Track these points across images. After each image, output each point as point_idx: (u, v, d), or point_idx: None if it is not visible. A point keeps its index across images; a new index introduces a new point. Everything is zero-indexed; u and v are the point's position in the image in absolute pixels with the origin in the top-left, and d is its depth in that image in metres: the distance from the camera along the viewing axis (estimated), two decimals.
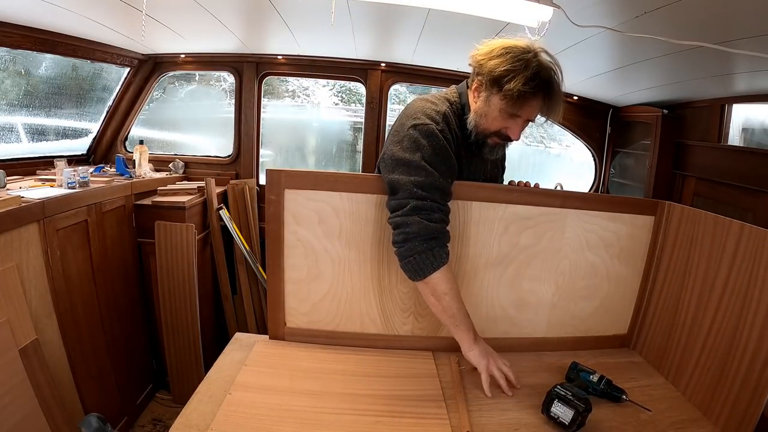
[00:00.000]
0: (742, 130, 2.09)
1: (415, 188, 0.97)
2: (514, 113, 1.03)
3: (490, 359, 1.03)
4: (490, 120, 1.06)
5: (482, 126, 1.07)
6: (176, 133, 3.02)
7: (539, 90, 0.98)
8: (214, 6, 1.82)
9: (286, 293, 1.15)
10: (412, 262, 0.98)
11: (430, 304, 1.03)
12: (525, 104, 1.01)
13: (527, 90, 0.97)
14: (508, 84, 0.98)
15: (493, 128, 1.07)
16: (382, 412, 0.91)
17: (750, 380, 0.88)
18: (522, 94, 0.97)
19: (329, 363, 1.08)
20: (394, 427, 0.87)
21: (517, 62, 0.98)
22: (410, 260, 0.98)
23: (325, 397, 0.94)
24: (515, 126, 1.05)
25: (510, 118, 1.04)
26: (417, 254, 0.97)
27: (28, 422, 1.31)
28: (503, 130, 1.07)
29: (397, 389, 0.99)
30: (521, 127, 1.06)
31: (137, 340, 2.24)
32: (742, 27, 1.28)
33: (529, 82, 0.97)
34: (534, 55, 0.99)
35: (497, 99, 1.02)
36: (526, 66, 0.97)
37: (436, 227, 0.97)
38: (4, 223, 1.37)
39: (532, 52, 0.99)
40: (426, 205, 0.97)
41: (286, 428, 0.84)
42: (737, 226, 0.97)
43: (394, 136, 1.05)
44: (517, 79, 0.97)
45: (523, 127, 1.07)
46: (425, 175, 0.98)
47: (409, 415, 0.90)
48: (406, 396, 0.97)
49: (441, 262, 0.98)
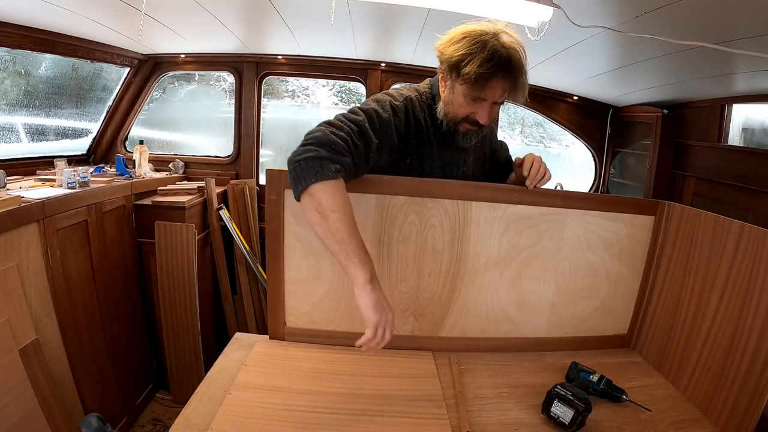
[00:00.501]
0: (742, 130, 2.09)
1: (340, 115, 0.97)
2: (477, 96, 1.02)
3: (384, 316, 0.86)
4: (456, 106, 1.06)
5: (451, 113, 1.08)
6: (176, 133, 3.02)
7: (497, 69, 0.97)
8: (214, 6, 1.82)
9: (286, 293, 1.15)
10: (297, 169, 0.86)
11: (313, 223, 0.88)
12: (485, 86, 0.99)
13: (484, 71, 0.96)
14: (465, 68, 0.97)
15: (461, 114, 1.07)
16: (382, 412, 0.91)
17: (750, 380, 0.88)
18: (479, 75, 0.97)
19: (329, 363, 1.08)
20: (394, 427, 0.87)
21: (473, 45, 0.98)
22: (297, 165, 0.86)
23: (325, 397, 0.94)
24: (482, 110, 1.05)
25: (475, 102, 1.04)
26: (305, 159, 0.86)
27: (28, 422, 1.31)
28: (471, 116, 1.06)
29: (397, 389, 0.99)
30: (488, 111, 1.05)
31: (137, 340, 2.24)
32: (742, 27, 1.28)
33: (486, 63, 0.96)
34: (492, 36, 0.98)
35: (458, 85, 1.03)
36: (482, 48, 0.97)
37: (337, 140, 0.89)
38: (4, 223, 1.37)
39: (490, 33, 0.99)
40: (339, 124, 0.93)
41: (285, 428, 0.84)
42: (737, 226, 0.97)
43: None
44: (474, 62, 0.96)
45: (492, 110, 1.06)
46: (355, 114, 0.98)
47: (409, 415, 0.90)
48: (406, 396, 0.97)
49: (327, 173, 0.86)
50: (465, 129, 1.10)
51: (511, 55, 0.98)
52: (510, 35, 1.01)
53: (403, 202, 1.09)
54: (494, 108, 1.07)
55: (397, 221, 1.10)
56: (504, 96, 1.04)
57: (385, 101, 1.05)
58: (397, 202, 1.09)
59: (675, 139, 2.33)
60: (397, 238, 1.11)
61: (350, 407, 0.91)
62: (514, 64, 0.99)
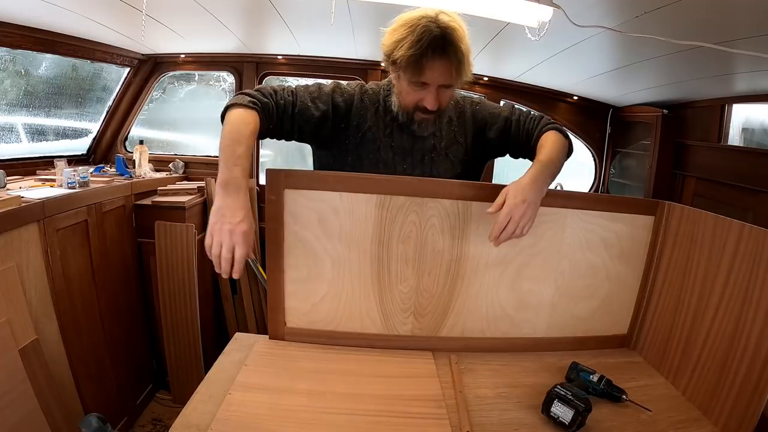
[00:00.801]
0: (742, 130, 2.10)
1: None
2: (417, 81, 1.01)
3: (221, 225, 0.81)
4: (404, 95, 1.07)
5: (402, 103, 1.08)
6: (176, 133, 3.03)
7: (427, 50, 0.95)
8: (214, 6, 1.82)
9: (286, 293, 1.15)
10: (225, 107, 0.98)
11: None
12: (421, 69, 0.97)
13: (414, 53, 0.95)
14: (398, 53, 0.97)
15: (410, 103, 1.07)
16: (382, 412, 0.91)
17: (750, 380, 0.88)
18: (410, 58, 0.96)
19: (329, 363, 1.08)
20: (394, 427, 0.87)
21: (405, 31, 0.97)
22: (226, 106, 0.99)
23: (325, 397, 0.94)
24: (428, 95, 1.03)
25: (420, 87, 1.02)
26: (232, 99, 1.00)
27: (28, 422, 1.31)
28: (420, 103, 1.05)
29: (397, 389, 0.99)
30: (435, 95, 1.03)
31: (137, 340, 2.24)
32: (742, 27, 1.28)
33: (415, 45, 0.94)
34: (428, 19, 0.96)
35: (400, 73, 1.02)
36: (412, 31, 0.96)
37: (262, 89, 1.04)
38: (4, 223, 1.37)
39: (427, 17, 0.97)
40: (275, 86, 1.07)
41: (285, 428, 0.84)
42: (737, 226, 0.97)
43: None
44: (404, 46, 0.96)
45: (439, 95, 1.04)
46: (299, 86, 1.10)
47: (408, 415, 0.90)
48: (406, 396, 0.97)
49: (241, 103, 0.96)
50: (420, 118, 1.09)
51: (445, 34, 0.95)
52: (449, 15, 0.98)
53: (403, 202, 1.09)
54: (443, 92, 1.04)
55: (397, 221, 1.10)
56: (448, 78, 1.00)
57: (340, 85, 1.14)
58: (397, 202, 1.09)
59: (675, 139, 2.33)
60: (397, 238, 1.11)
61: (350, 407, 0.91)
62: (448, 43, 0.96)
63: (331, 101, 1.11)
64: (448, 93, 1.06)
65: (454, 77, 1.00)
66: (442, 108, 1.08)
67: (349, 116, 1.13)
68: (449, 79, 1.01)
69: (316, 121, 1.09)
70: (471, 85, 2.76)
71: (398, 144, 1.16)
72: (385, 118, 1.15)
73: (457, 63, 0.98)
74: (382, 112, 1.15)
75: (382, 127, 1.16)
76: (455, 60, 0.97)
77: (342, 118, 1.13)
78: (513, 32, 1.75)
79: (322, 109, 1.09)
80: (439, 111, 1.08)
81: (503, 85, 2.75)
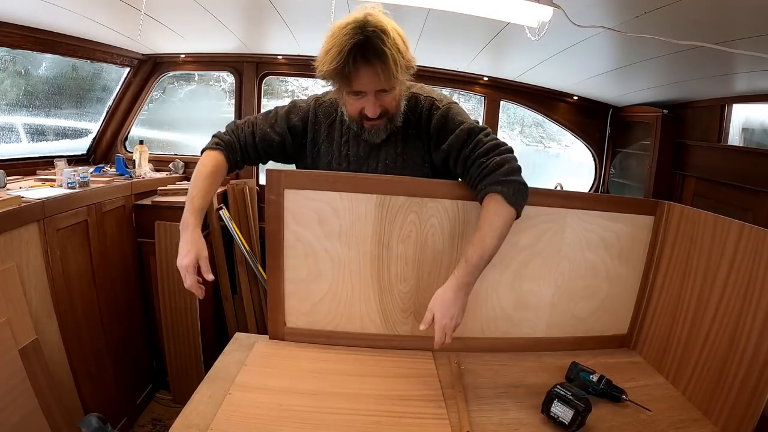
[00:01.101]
0: (742, 130, 2.10)
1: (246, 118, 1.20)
2: (351, 91, 1.00)
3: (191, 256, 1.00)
4: (348, 106, 1.07)
5: (348, 113, 1.08)
6: (176, 133, 3.02)
7: (349, 59, 0.93)
8: (214, 6, 1.82)
9: (286, 293, 1.15)
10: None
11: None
12: (349, 79, 0.96)
13: (337, 65, 0.93)
14: (323, 67, 0.97)
15: (354, 112, 1.05)
16: (382, 412, 0.91)
17: (750, 380, 0.88)
18: (335, 71, 0.95)
19: (329, 363, 1.08)
20: (394, 427, 0.87)
21: (331, 42, 0.96)
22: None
23: (325, 397, 0.94)
24: (367, 103, 1.01)
25: (359, 97, 1.01)
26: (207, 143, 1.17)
27: (28, 422, 1.31)
28: (363, 111, 1.03)
29: (397, 389, 0.99)
30: (373, 102, 1.01)
31: (137, 340, 2.24)
32: (742, 27, 1.28)
33: (338, 57, 0.93)
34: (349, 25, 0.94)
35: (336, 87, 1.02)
36: (336, 42, 0.94)
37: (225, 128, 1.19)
38: (4, 223, 1.37)
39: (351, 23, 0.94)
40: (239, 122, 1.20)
41: (286, 428, 0.84)
42: (737, 226, 0.97)
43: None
44: (328, 59, 0.95)
45: (380, 100, 1.01)
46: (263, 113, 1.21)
47: (409, 415, 0.90)
48: (406, 396, 0.97)
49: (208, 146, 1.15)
50: (368, 125, 1.07)
51: (368, 40, 0.92)
52: (376, 16, 0.95)
53: (403, 202, 1.09)
54: (383, 96, 1.01)
55: (397, 221, 1.10)
56: (378, 83, 0.97)
57: (295, 103, 1.20)
58: (397, 202, 1.09)
59: (675, 139, 2.33)
60: (397, 238, 1.11)
61: (350, 407, 0.91)
62: (371, 48, 0.93)
63: (286, 124, 1.16)
64: (389, 97, 1.03)
65: (384, 81, 0.96)
66: (389, 112, 1.05)
67: (305, 133, 1.18)
68: (379, 84, 0.98)
69: (277, 145, 1.17)
70: (471, 85, 2.77)
71: (354, 153, 1.15)
72: (341, 128, 1.15)
73: (382, 67, 0.94)
74: (339, 123, 1.15)
75: (337, 138, 1.15)
76: (380, 64, 0.94)
77: (300, 135, 1.18)
78: (513, 32, 1.75)
79: (280, 132, 1.16)
80: (387, 115, 1.06)
81: (503, 85, 2.74)
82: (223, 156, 1.13)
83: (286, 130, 1.16)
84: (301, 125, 1.17)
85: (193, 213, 1.06)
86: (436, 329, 0.97)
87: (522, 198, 1.00)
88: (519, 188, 0.99)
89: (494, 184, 0.99)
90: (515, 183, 0.98)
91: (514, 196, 0.98)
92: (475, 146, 1.03)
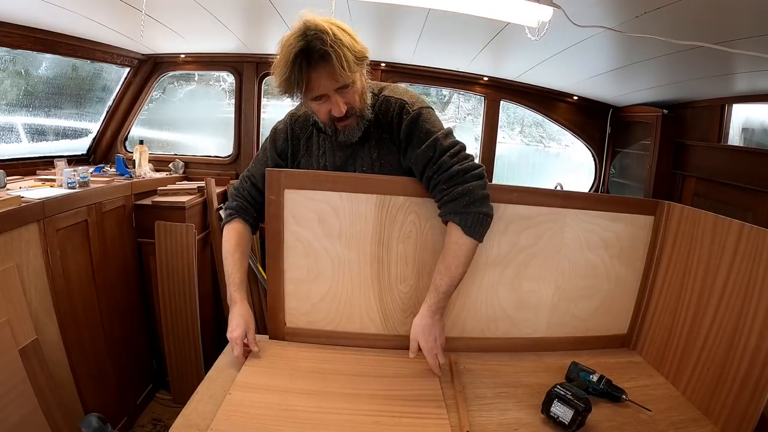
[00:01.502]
0: (742, 130, 2.10)
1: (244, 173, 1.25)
2: (312, 97, 1.00)
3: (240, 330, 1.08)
4: (316, 113, 1.06)
5: (320, 120, 1.08)
6: (176, 133, 3.03)
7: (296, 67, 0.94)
8: (214, 6, 1.82)
9: (286, 293, 1.15)
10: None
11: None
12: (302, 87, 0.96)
13: (288, 75, 0.95)
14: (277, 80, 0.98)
15: (324, 117, 1.05)
16: (382, 412, 0.91)
17: (750, 380, 0.88)
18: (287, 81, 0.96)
19: (329, 363, 1.08)
20: (394, 427, 0.87)
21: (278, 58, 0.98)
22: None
23: (325, 397, 0.94)
24: (330, 104, 1.01)
25: (322, 101, 1.01)
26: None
27: (28, 422, 1.31)
28: (331, 113, 1.03)
29: (397, 389, 0.99)
30: (336, 102, 1.00)
31: (137, 340, 2.24)
32: (742, 27, 1.28)
33: (285, 68, 0.94)
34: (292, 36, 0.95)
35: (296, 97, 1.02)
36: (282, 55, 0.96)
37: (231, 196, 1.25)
38: (4, 223, 1.37)
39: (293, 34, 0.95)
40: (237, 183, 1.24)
41: (286, 428, 0.84)
42: (737, 226, 0.97)
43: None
44: (278, 72, 0.97)
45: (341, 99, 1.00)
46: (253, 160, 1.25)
47: (408, 415, 0.90)
48: (406, 396, 0.97)
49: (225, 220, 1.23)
50: (341, 126, 1.07)
51: (309, 45, 0.93)
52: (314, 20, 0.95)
53: (403, 202, 1.09)
54: (344, 93, 1.01)
55: (397, 221, 1.10)
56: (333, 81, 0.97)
57: (275, 128, 1.22)
58: (397, 202, 1.09)
59: (675, 139, 2.33)
60: (397, 238, 1.11)
61: (350, 407, 0.91)
62: (312, 52, 0.93)
63: (276, 153, 1.19)
64: (350, 93, 1.01)
65: (339, 77, 0.95)
66: (356, 108, 1.04)
67: (289, 151, 1.19)
68: (334, 83, 0.97)
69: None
70: (471, 85, 2.77)
71: (331, 163, 1.15)
72: (318, 140, 1.16)
73: (329, 67, 0.94)
74: (315, 136, 1.17)
75: (315, 150, 1.17)
76: (326, 65, 0.94)
77: (289, 156, 1.20)
78: (513, 32, 1.75)
79: (273, 166, 1.16)
80: (355, 112, 1.05)
81: (503, 85, 2.75)
82: (241, 222, 1.20)
83: (277, 159, 1.19)
84: (287, 145, 1.19)
85: (238, 289, 1.13)
86: (426, 355, 1.03)
87: (482, 227, 1.01)
88: (479, 218, 1.00)
89: (454, 214, 1.00)
90: (475, 215, 0.99)
91: (471, 228, 0.99)
92: (438, 169, 1.01)
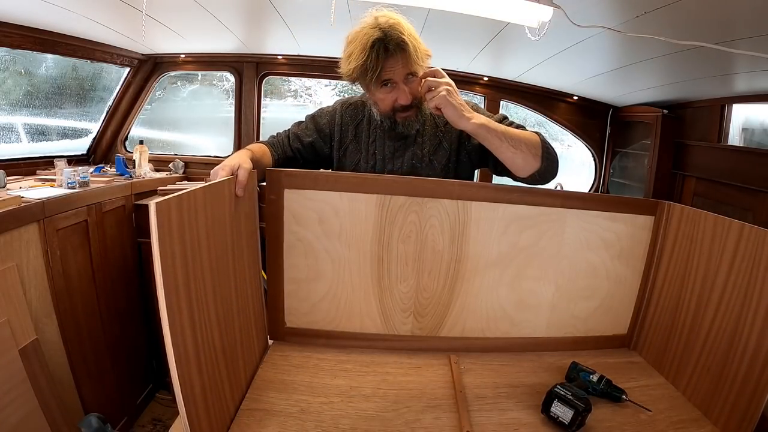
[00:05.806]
0: (742, 130, 2.10)
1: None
2: (381, 82, 1.07)
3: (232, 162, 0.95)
4: (380, 103, 1.12)
5: (381, 110, 1.14)
6: (176, 133, 3.03)
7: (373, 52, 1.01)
8: (214, 6, 1.82)
9: (285, 293, 1.15)
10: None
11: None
12: (379, 71, 1.03)
13: (365, 60, 1.01)
14: (350, 66, 1.04)
15: (388, 107, 1.12)
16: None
17: (750, 380, 0.88)
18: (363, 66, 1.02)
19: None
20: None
21: (352, 47, 1.04)
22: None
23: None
24: (397, 92, 1.09)
25: (389, 90, 1.08)
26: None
27: (28, 422, 1.31)
28: (396, 103, 1.10)
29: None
30: (404, 90, 1.08)
31: (137, 340, 2.24)
32: (742, 27, 1.28)
33: (363, 54, 1.01)
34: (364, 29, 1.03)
35: (365, 85, 1.10)
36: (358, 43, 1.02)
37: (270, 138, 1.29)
38: (4, 223, 1.37)
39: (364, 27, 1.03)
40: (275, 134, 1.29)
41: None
42: (737, 226, 0.97)
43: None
44: (353, 59, 1.03)
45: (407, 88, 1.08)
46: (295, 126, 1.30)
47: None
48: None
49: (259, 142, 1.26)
50: (401, 117, 1.14)
51: (386, 33, 1.01)
52: (386, 15, 1.04)
53: (403, 202, 1.09)
54: (411, 82, 1.09)
55: (397, 221, 1.10)
56: (407, 67, 1.05)
57: (320, 109, 1.29)
58: (397, 202, 1.09)
59: (675, 139, 2.33)
60: (397, 238, 1.11)
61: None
62: (391, 39, 1.01)
63: (314, 125, 1.26)
64: (416, 82, 1.09)
65: (411, 65, 1.04)
66: (417, 97, 1.11)
67: (332, 134, 1.25)
68: (406, 68, 1.05)
69: (308, 145, 1.25)
70: (471, 85, 2.77)
71: (381, 153, 1.21)
72: (369, 129, 1.22)
73: (406, 53, 1.02)
74: (366, 124, 1.23)
75: (365, 138, 1.23)
76: (402, 51, 1.02)
77: (328, 136, 1.26)
78: (513, 32, 1.75)
79: (309, 133, 1.26)
80: (417, 103, 1.12)
81: (503, 85, 2.75)
82: (268, 147, 1.23)
83: (314, 130, 1.25)
84: (329, 127, 1.25)
85: (245, 151, 1.10)
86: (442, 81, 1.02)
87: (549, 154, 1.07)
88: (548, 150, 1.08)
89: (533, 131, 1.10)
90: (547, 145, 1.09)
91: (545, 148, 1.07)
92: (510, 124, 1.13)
